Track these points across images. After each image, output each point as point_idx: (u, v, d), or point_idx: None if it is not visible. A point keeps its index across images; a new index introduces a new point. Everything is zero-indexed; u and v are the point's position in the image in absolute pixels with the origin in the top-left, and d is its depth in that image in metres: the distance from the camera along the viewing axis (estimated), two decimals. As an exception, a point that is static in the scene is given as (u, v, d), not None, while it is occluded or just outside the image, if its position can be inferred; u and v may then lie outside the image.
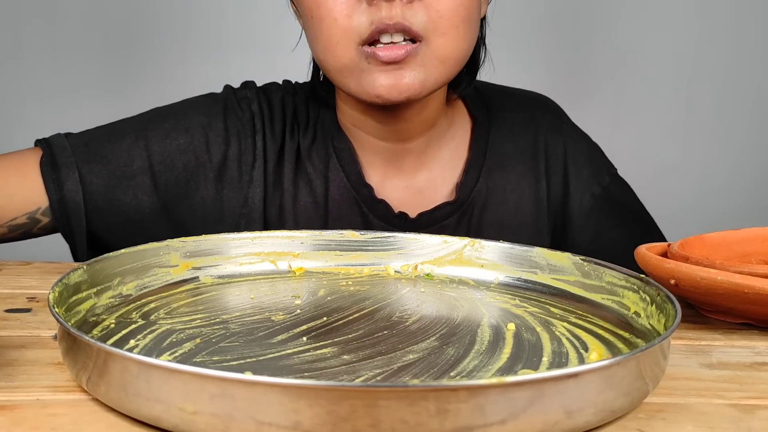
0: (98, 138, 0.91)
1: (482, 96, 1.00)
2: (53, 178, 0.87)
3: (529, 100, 1.02)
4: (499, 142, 0.97)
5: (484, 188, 0.95)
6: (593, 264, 0.70)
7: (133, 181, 0.89)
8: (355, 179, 0.93)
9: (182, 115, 0.93)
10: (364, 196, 0.93)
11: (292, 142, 0.94)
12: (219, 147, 0.92)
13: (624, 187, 1.03)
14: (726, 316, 0.71)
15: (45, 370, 0.56)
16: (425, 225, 0.93)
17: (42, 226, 0.89)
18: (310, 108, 0.96)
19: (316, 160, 0.93)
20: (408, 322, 0.64)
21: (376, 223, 0.93)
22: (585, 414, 0.46)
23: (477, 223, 0.95)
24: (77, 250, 0.90)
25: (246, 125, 0.93)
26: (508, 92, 1.02)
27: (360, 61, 0.82)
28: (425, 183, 0.95)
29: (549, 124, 1.00)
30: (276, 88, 0.97)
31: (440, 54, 0.83)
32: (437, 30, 0.81)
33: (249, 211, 0.92)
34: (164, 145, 0.90)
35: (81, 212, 0.88)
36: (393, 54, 0.80)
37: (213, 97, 0.96)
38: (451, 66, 0.85)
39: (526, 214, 0.97)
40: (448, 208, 0.94)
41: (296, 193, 0.93)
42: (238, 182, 0.92)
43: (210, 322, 0.63)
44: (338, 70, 0.84)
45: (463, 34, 0.83)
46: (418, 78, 0.82)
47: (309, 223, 0.92)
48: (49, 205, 0.87)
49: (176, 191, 0.91)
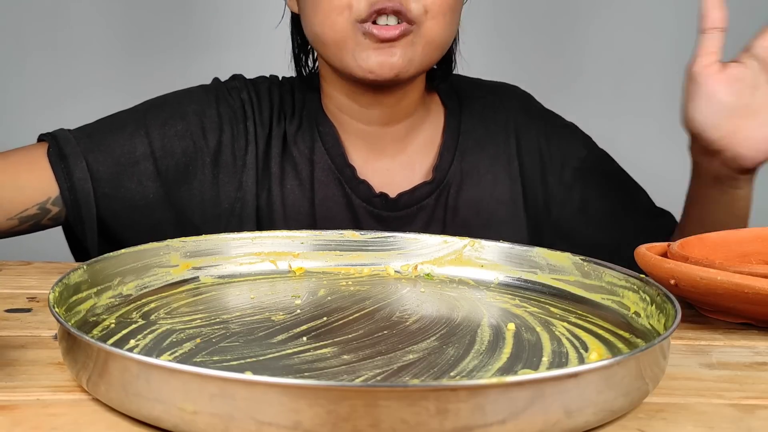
0: (100, 129, 0.94)
1: (454, 87, 1.04)
2: (62, 167, 0.89)
3: (497, 88, 1.07)
4: (470, 126, 1.01)
5: (458, 170, 0.99)
6: (593, 264, 0.70)
7: (136, 167, 0.92)
8: (339, 161, 0.96)
9: (177, 104, 0.96)
10: (347, 176, 0.96)
11: (278, 128, 0.97)
12: (214, 133, 0.95)
13: (604, 157, 1.05)
14: (726, 316, 0.71)
15: (45, 370, 0.56)
16: (405, 205, 0.96)
17: (52, 216, 0.90)
18: (296, 97, 1.00)
19: (302, 145, 0.97)
20: (408, 322, 0.64)
21: (358, 203, 0.96)
22: (585, 414, 0.46)
23: (454, 203, 0.98)
24: (87, 240, 0.91)
25: (237, 112, 0.96)
26: (477, 82, 1.07)
27: (356, 35, 0.87)
28: (404, 165, 0.99)
29: (518, 107, 1.04)
30: (263, 80, 1.01)
31: (428, 37, 0.88)
32: (429, 13, 0.87)
33: (243, 194, 0.95)
34: (163, 132, 0.93)
35: (91, 200, 0.90)
36: (388, 33, 0.86)
37: (204, 87, 0.99)
38: (435, 49, 0.90)
39: (502, 193, 1.00)
40: (426, 188, 0.97)
41: (283, 177, 0.96)
42: (232, 167, 0.95)
43: (210, 322, 0.63)
44: (334, 42, 0.88)
45: (449, 20, 0.90)
46: (406, 57, 0.88)
47: (296, 206, 0.96)
48: (60, 193, 0.89)
49: (176, 176, 0.93)
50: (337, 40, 0.88)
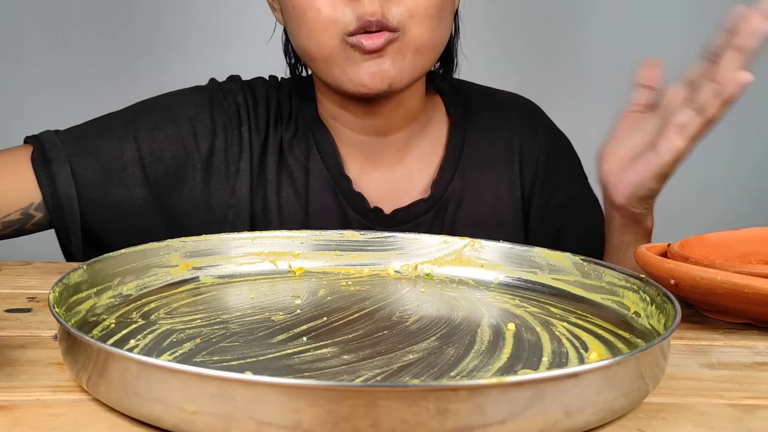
0: (87, 132, 0.92)
1: (460, 94, 1.01)
2: (45, 172, 0.87)
3: (507, 101, 1.03)
4: (475, 140, 0.98)
5: (459, 186, 0.96)
6: (593, 264, 0.70)
7: (124, 173, 0.90)
8: (335, 170, 0.94)
9: (169, 107, 0.94)
10: (343, 187, 0.94)
11: (275, 134, 0.95)
12: (206, 138, 0.93)
13: (591, 205, 1.03)
14: (726, 316, 0.71)
15: (45, 370, 0.56)
16: (400, 221, 0.94)
17: (35, 222, 0.89)
18: (293, 102, 0.97)
19: (297, 153, 0.95)
20: (408, 322, 0.64)
21: (352, 215, 0.94)
22: (585, 414, 0.46)
23: (451, 222, 0.96)
24: (72, 245, 0.90)
25: (232, 117, 0.94)
26: (486, 92, 1.04)
27: (345, 49, 0.85)
28: (402, 177, 0.96)
29: (526, 125, 1.01)
30: (261, 82, 0.99)
31: (416, 42, 0.86)
32: (413, 19, 0.85)
33: (237, 201, 0.93)
34: (153, 137, 0.91)
35: (75, 206, 0.88)
36: (375, 43, 0.83)
37: (199, 89, 0.97)
38: (427, 54, 0.88)
39: (504, 214, 0.97)
40: (422, 206, 0.95)
41: (279, 184, 0.94)
42: (225, 173, 0.93)
43: (210, 322, 0.63)
44: (323, 58, 0.86)
45: (437, 23, 0.87)
46: (396, 65, 0.85)
47: (292, 215, 0.94)
48: (43, 199, 0.88)
49: (166, 182, 0.92)
50: (325, 56, 0.86)
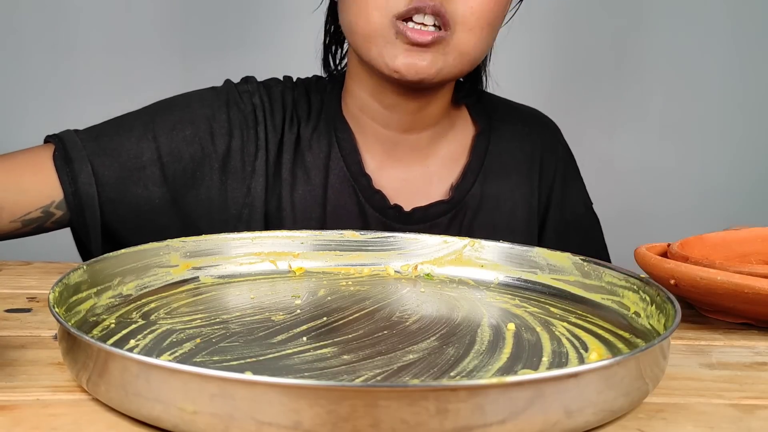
0: (107, 132, 0.93)
1: (485, 105, 1.03)
2: (67, 171, 0.88)
3: (530, 116, 1.06)
4: (498, 150, 1.00)
5: (479, 193, 0.98)
6: (593, 264, 0.70)
7: (143, 172, 0.91)
8: (355, 169, 0.95)
9: (187, 107, 0.95)
10: (363, 185, 0.95)
11: (291, 133, 0.96)
12: (223, 138, 0.94)
13: (594, 224, 1.07)
14: (726, 316, 0.71)
15: (45, 370, 0.56)
16: (418, 220, 0.95)
17: (55, 220, 0.90)
18: (312, 99, 0.98)
19: (317, 150, 0.96)
20: (408, 322, 0.64)
21: (371, 212, 0.95)
22: (585, 414, 0.46)
23: (468, 226, 0.97)
24: (91, 243, 0.91)
25: (248, 117, 0.95)
26: (511, 105, 1.06)
27: (389, 31, 0.85)
28: (421, 177, 0.98)
29: (547, 142, 1.04)
30: (276, 83, 1.00)
31: (461, 47, 0.86)
32: (465, 24, 0.85)
33: (252, 200, 0.94)
34: (171, 137, 0.92)
35: (95, 204, 0.89)
36: (421, 38, 0.84)
37: (215, 90, 0.97)
38: (467, 61, 0.88)
39: (519, 223, 1.00)
40: (442, 207, 0.97)
41: (294, 183, 0.95)
42: (241, 173, 0.94)
43: (210, 322, 0.63)
44: (366, 34, 0.87)
45: (486, 35, 0.88)
46: (436, 64, 0.85)
47: (307, 212, 0.94)
48: (64, 197, 0.88)
49: (184, 181, 0.92)
50: (368, 33, 0.86)
